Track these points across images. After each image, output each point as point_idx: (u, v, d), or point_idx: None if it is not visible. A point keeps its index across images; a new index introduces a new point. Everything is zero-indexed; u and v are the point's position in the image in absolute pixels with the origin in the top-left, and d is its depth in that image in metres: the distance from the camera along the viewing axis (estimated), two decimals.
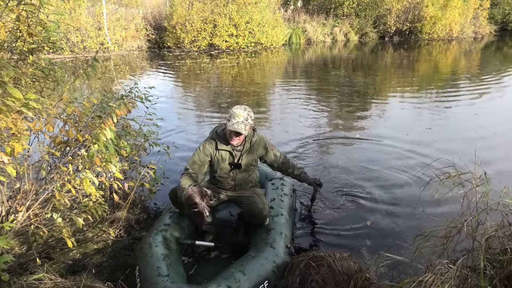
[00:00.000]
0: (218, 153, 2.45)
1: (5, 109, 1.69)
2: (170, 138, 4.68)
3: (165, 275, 1.95)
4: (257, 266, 2.04)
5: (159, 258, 2.09)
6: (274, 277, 2.05)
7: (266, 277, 2.01)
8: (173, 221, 2.45)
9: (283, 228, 2.40)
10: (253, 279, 1.95)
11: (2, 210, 2.14)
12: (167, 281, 1.91)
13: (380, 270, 2.26)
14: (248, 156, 2.50)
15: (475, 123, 5.46)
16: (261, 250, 2.17)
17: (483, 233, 1.69)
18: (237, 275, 1.94)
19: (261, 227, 2.41)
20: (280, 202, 2.69)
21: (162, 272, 1.98)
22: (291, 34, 18.87)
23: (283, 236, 2.33)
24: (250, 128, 2.38)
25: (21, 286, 1.73)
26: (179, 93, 8.44)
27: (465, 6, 21.28)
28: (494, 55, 15.14)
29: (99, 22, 15.19)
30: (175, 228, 2.42)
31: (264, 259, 2.10)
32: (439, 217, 2.78)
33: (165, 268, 2.01)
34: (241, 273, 1.96)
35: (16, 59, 2.32)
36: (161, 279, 1.92)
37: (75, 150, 2.31)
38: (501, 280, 1.60)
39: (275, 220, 2.46)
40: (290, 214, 2.64)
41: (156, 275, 1.96)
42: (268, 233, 2.33)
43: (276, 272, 2.07)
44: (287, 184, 2.96)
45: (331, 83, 9.14)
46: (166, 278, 1.93)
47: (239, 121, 2.29)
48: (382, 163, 4.01)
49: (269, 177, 3.05)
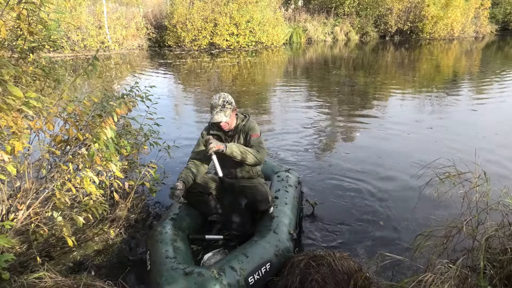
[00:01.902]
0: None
1: (6, 107, 1.69)
2: (171, 137, 4.68)
3: (172, 257, 2.09)
4: (260, 249, 2.15)
5: (168, 243, 2.23)
6: (277, 260, 2.15)
7: (268, 259, 2.11)
8: (182, 211, 2.60)
9: (286, 216, 2.51)
10: (255, 261, 2.07)
11: (3, 208, 2.14)
12: (174, 262, 2.04)
13: (380, 270, 2.26)
14: (238, 140, 2.60)
15: (476, 123, 5.45)
16: (264, 236, 2.28)
17: (483, 233, 1.69)
18: (240, 257, 2.05)
19: (266, 216, 2.52)
20: (285, 192, 2.80)
21: (169, 254, 2.12)
22: (291, 33, 18.86)
23: (286, 224, 2.43)
24: (231, 111, 2.49)
25: (22, 284, 1.73)
26: (179, 92, 8.44)
27: (466, 5, 21.25)
28: (495, 55, 15.12)
29: (99, 20, 15.19)
30: (184, 217, 2.56)
31: (267, 243, 2.20)
32: (439, 216, 2.79)
33: (172, 252, 2.15)
34: (244, 255, 2.07)
35: (16, 57, 2.32)
36: (169, 261, 2.05)
37: (76, 149, 2.32)
38: (501, 280, 1.60)
39: (279, 208, 2.57)
40: (294, 204, 2.74)
41: (164, 257, 2.09)
42: (272, 220, 2.44)
43: (278, 256, 2.17)
44: (292, 176, 3.08)
45: (332, 82, 9.14)
46: (174, 259, 2.07)
47: (217, 111, 2.43)
48: (383, 162, 4.01)
49: (275, 170, 3.18)
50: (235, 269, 1.97)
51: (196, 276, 1.91)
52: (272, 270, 2.12)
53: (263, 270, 2.07)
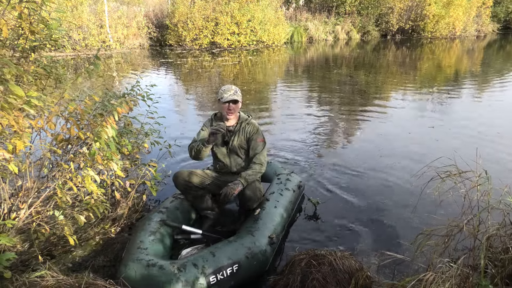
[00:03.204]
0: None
1: (7, 106, 1.69)
2: (172, 136, 4.68)
3: (144, 248, 2.14)
4: (230, 249, 2.12)
5: (146, 234, 2.28)
6: (247, 262, 2.09)
7: (236, 261, 2.06)
8: (173, 205, 2.65)
9: (271, 220, 2.47)
10: (221, 260, 2.04)
11: (5, 207, 2.15)
12: (142, 253, 2.09)
13: (381, 269, 2.26)
14: (239, 137, 2.67)
15: (478, 122, 5.44)
16: (240, 237, 2.26)
17: (484, 232, 1.68)
18: (206, 256, 2.06)
19: (251, 217, 2.52)
20: (279, 196, 2.78)
21: (142, 245, 2.17)
22: (293, 32, 18.85)
23: (268, 227, 2.39)
24: (241, 98, 2.62)
25: (23, 283, 1.73)
26: (180, 91, 8.44)
27: (468, 4, 21.20)
28: (497, 54, 15.08)
29: (101, 20, 15.21)
30: (173, 211, 2.60)
31: (239, 244, 2.17)
32: (440, 215, 2.78)
33: (147, 243, 2.20)
34: (211, 254, 2.07)
35: (18, 56, 2.33)
36: (139, 251, 2.11)
37: (77, 148, 2.32)
38: (503, 279, 1.59)
39: (266, 211, 2.55)
40: (286, 208, 2.71)
41: (136, 247, 2.15)
42: (255, 222, 2.42)
43: (249, 258, 2.11)
44: (292, 180, 3.05)
45: (333, 81, 9.13)
46: (144, 251, 2.12)
47: (231, 93, 2.54)
48: (384, 161, 4.00)
49: (277, 172, 3.18)
50: (197, 267, 1.97)
51: (157, 269, 1.94)
52: (241, 272, 2.06)
53: (229, 271, 2.02)
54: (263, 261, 2.18)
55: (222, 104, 2.57)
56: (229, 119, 2.66)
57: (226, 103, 2.55)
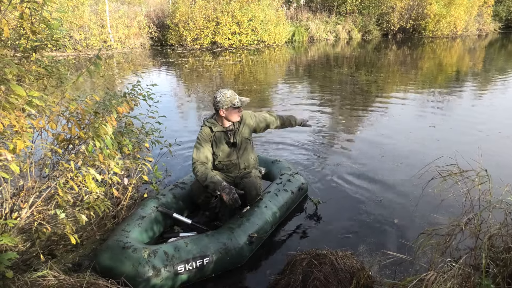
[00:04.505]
0: (214, 135, 2.65)
1: (9, 106, 1.69)
2: (172, 135, 4.68)
3: (127, 231, 2.20)
4: (204, 242, 2.17)
5: (135, 218, 2.35)
6: (218, 257, 2.16)
7: (207, 254, 2.12)
8: (171, 193, 2.73)
9: (258, 219, 2.49)
10: (192, 251, 2.10)
11: (6, 207, 2.15)
12: (123, 235, 2.16)
13: (382, 268, 2.26)
14: (241, 132, 2.70)
15: (480, 121, 5.42)
16: (219, 232, 2.30)
17: (485, 231, 1.68)
18: (179, 245, 2.12)
19: (238, 213, 2.55)
20: (274, 196, 2.78)
21: (126, 228, 2.24)
22: (293, 32, 18.84)
23: (250, 225, 2.41)
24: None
25: (25, 283, 1.74)
26: (181, 91, 8.45)
27: (469, 3, 21.16)
28: (499, 53, 15.04)
29: (102, 19, 15.22)
30: (170, 199, 2.67)
31: (215, 238, 2.22)
32: (442, 215, 2.78)
33: (132, 226, 2.27)
34: (184, 244, 2.13)
35: (19, 56, 2.33)
36: (121, 233, 2.18)
37: (78, 148, 2.32)
38: (504, 279, 1.59)
39: (256, 210, 2.57)
40: (280, 208, 2.72)
41: (121, 230, 2.22)
42: (239, 219, 2.45)
43: (223, 254, 2.17)
44: (294, 181, 3.03)
45: (334, 81, 9.12)
46: (126, 233, 2.18)
47: (237, 97, 2.56)
48: (385, 161, 4.00)
49: (282, 172, 3.16)
50: (167, 255, 2.03)
51: (130, 252, 2.00)
52: (211, 266, 2.13)
53: (198, 263, 2.08)
54: (237, 257, 2.24)
55: (233, 109, 2.57)
56: (234, 122, 2.68)
57: (239, 107, 2.58)
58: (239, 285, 2.18)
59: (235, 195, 2.35)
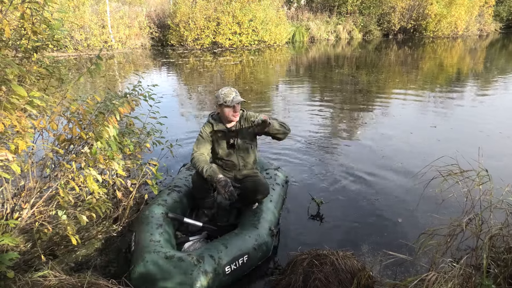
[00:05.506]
0: (215, 134, 2.69)
1: (10, 106, 1.70)
2: (173, 136, 4.69)
3: (156, 241, 2.21)
4: (239, 241, 2.25)
5: (153, 227, 2.34)
6: (255, 253, 2.25)
7: (246, 252, 2.21)
8: (171, 198, 2.73)
9: (269, 213, 2.61)
10: (233, 251, 2.17)
11: (7, 207, 2.16)
12: (157, 245, 2.16)
13: (383, 269, 2.25)
14: (242, 133, 2.69)
15: (481, 121, 5.42)
16: (245, 229, 2.38)
17: (486, 232, 1.68)
18: (219, 247, 2.17)
19: (250, 210, 2.63)
20: (271, 190, 2.90)
21: (154, 238, 2.24)
22: (294, 32, 18.84)
23: (267, 220, 2.53)
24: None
25: (26, 283, 1.74)
26: (182, 91, 8.45)
27: (470, 3, 21.14)
28: (500, 53, 15.02)
29: (102, 20, 15.24)
30: (172, 203, 2.68)
31: (246, 236, 2.30)
32: (442, 215, 2.78)
33: (157, 235, 2.27)
34: (223, 246, 2.18)
35: (20, 57, 2.33)
36: (153, 244, 2.17)
37: (79, 148, 2.33)
38: (505, 279, 1.59)
39: (263, 205, 2.68)
40: (278, 202, 2.87)
41: (149, 240, 2.21)
42: (255, 215, 2.55)
43: (256, 249, 2.27)
44: (280, 175, 3.23)
45: (335, 81, 9.11)
46: (157, 243, 2.19)
47: (233, 95, 2.53)
48: (386, 161, 4.00)
49: (264, 167, 3.32)
50: (213, 258, 2.08)
51: (176, 260, 2.01)
52: (249, 262, 2.22)
53: (240, 262, 2.16)
54: (266, 251, 2.35)
55: (225, 107, 2.54)
56: (233, 121, 2.66)
57: (232, 106, 2.54)
58: (240, 285, 2.18)
59: (230, 187, 2.36)
